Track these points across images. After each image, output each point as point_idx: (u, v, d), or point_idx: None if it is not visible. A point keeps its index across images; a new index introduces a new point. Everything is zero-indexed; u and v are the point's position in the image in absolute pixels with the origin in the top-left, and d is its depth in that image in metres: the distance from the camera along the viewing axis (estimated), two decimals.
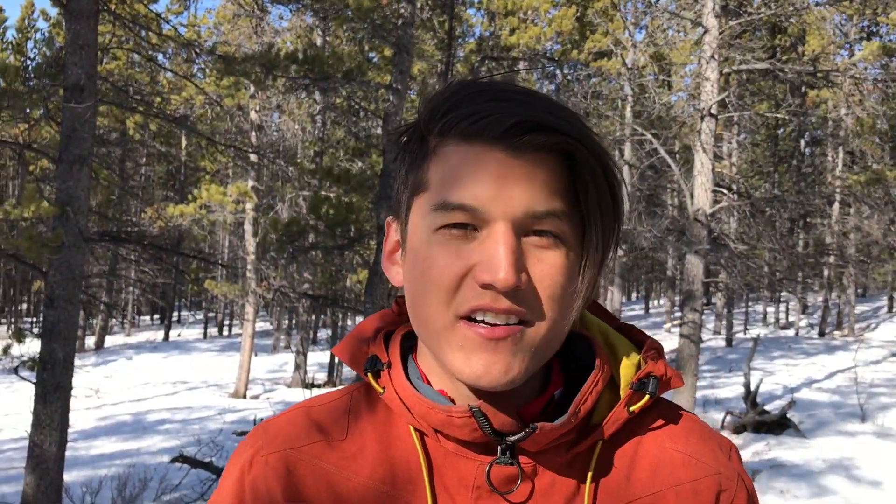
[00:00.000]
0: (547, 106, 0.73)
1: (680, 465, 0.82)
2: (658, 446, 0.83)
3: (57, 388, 7.32)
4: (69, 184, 7.34)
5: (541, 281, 0.73)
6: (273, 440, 0.84)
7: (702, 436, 0.85)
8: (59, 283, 7.33)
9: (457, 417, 0.76)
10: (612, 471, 0.81)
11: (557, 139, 0.71)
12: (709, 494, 0.81)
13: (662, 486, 0.81)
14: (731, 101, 10.75)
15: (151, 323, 42.36)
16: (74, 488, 8.31)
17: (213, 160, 21.97)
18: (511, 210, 0.72)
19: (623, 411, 0.81)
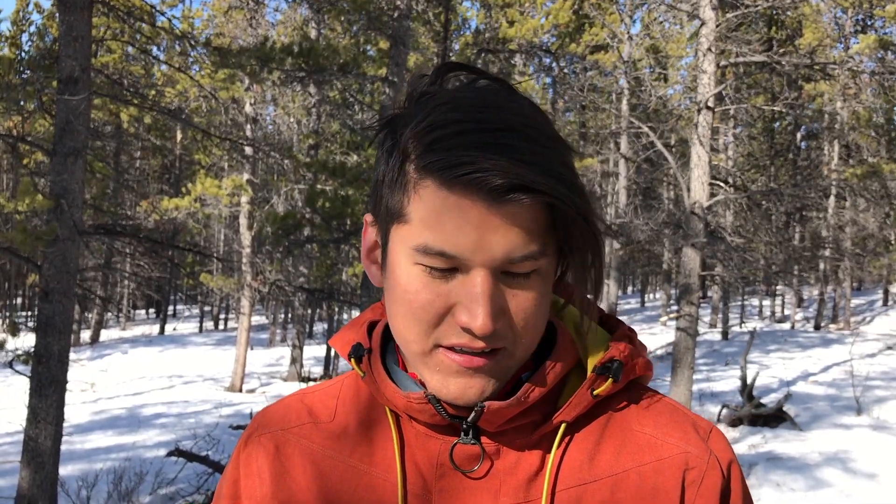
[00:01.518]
0: (533, 156, 0.73)
1: (644, 446, 0.84)
2: (625, 428, 0.85)
3: (52, 381, 7.29)
4: (64, 176, 7.29)
5: (517, 314, 0.77)
6: (268, 423, 0.93)
7: (672, 418, 0.86)
8: (53, 277, 7.29)
9: (415, 403, 0.80)
10: (576, 452, 0.83)
11: (538, 198, 0.72)
12: (673, 472, 0.82)
13: (625, 468, 0.82)
14: (728, 93, 10.72)
15: (147, 317, 42.31)
16: (70, 482, 8.30)
17: (208, 154, 21.91)
18: (490, 257, 0.73)
19: (586, 394, 0.82)
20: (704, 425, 0.88)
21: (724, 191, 10.37)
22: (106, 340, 28.36)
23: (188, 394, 16.68)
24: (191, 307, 46.18)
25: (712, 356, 19.14)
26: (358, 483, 0.85)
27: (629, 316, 32.53)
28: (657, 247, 19.30)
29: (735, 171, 13.46)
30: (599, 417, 0.85)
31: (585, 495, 0.81)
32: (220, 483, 0.95)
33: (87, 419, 13.28)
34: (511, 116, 0.75)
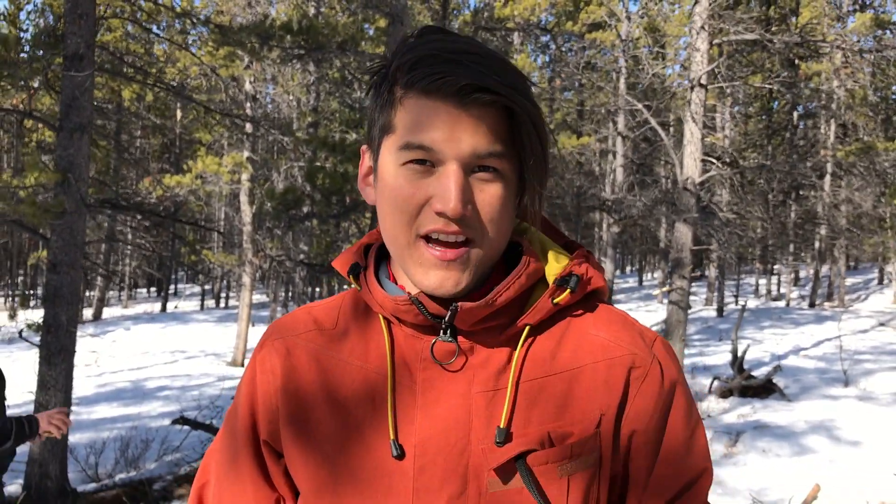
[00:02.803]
0: (494, 68, 0.91)
1: (598, 346, 1.00)
2: (582, 332, 1.01)
3: (61, 350, 7.52)
4: (70, 151, 7.49)
5: (482, 207, 0.93)
6: (280, 330, 1.11)
7: (623, 325, 1.03)
8: (61, 249, 7.51)
9: (402, 305, 0.97)
10: (539, 350, 0.99)
11: (498, 98, 0.90)
12: (620, 370, 0.99)
13: (581, 363, 0.98)
14: (720, 71, 10.88)
15: (148, 295, 42.52)
16: (78, 449, 8.53)
17: (209, 131, 22.03)
18: (460, 151, 0.91)
19: (547, 302, 0.99)
20: (650, 335, 1.04)
21: (716, 167, 10.55)
22: (108, 317, 28.59)
23: (191, 368, 16.93)
24: (192, 285, 46.41)
25: (707, 332, 19.38)
26: (355, 377, 1.02)
27: (626, 294, 32.78)
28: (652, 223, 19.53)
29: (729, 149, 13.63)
30: (560, 322, 1.01)
31: (547, 385, 0.97)
32: (240, 383, 1.14)
33: (92, 391, 13.52)
34: (478, 47, 0.94)
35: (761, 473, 7.54)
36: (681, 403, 1.02)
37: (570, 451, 0.95)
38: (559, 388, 0.97)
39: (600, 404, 0.97)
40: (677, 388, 1.02)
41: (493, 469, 0.94)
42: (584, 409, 0.97)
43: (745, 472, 7.56)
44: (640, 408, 0.99)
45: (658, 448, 1.01)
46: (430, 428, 0.96)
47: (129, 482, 7.88)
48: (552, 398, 0.97)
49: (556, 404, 0.96)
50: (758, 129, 26.22)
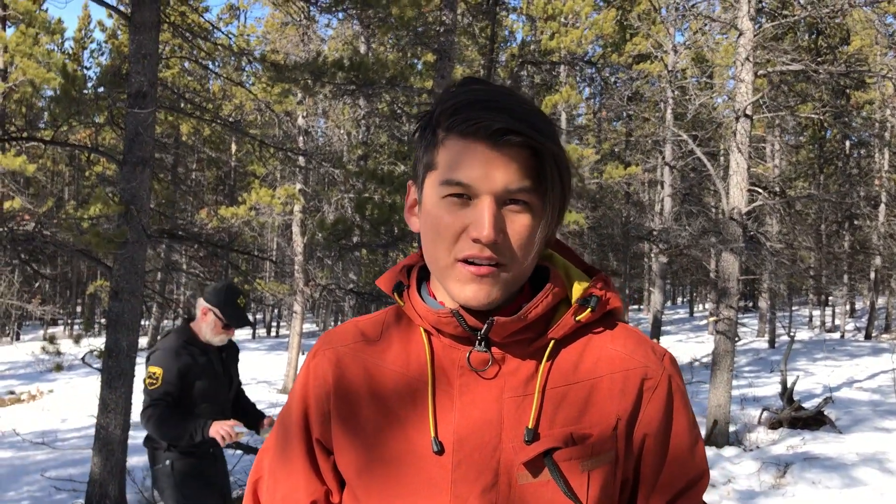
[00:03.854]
0: (524, 114, 1.05)
1: (616, 359, 1.14)
2: (601, 346, 1.15)
3: (121, 374, 7.83)
4: (133, 184, 7.86)
5: (513, 235, 1.06)
6: (330, 341, 1.27)
7: (638, 341, 1.17)
8: (123, 277, 7.85)
9: (443, 317, 1.11)
10: (563, 361, 1.13)
11: (525, 140, 1.03)
12: (635, 380, 1.14)
13: (601, 374, 1.13)
14: (765, 102, 10.91)
15: None
16: (136, 471, 8.78)
17: (263, 164, 22.59)
18: (493, 186, 1.04)
19: (570, 319, 1.13)
20: (660, 350, 1.18)
21: (762, 197, 10.55)
22: None
23: None
24: None
25: (758, 363, 19.12)
26: (397, 381, 1.16)
27: (677, 325, 32.42)
28: (698, 253, 19.42)
29: (777, 179, 13.57)
30: (582, 338, 1.15)
31: (570, 392, 1.10)
32: (292, 388, 1.29)
33: None
34: (511, 95, 1.09)
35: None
36: (685, 412, 1.18)
37: (591, 449, 1.08)
38: (580, 394, 1.11)
39: (617, 409, 1.11)
40: (683, 399, 1.18)
41: (522, 463, 1.06)
42: (602, 414, 1.10)
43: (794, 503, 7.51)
44: (651, 414, 1.14)
45: (666, 450, 1.16)
46: (467, 427, 1.09)
47: None
48: (574, 403, 1.10)
49: (577, 409, 1.10)
50: (809, 158, 25.92)
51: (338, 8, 9.93)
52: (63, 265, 37.42)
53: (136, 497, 8.36)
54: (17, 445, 11.46)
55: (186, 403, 4.08)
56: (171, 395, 4.01)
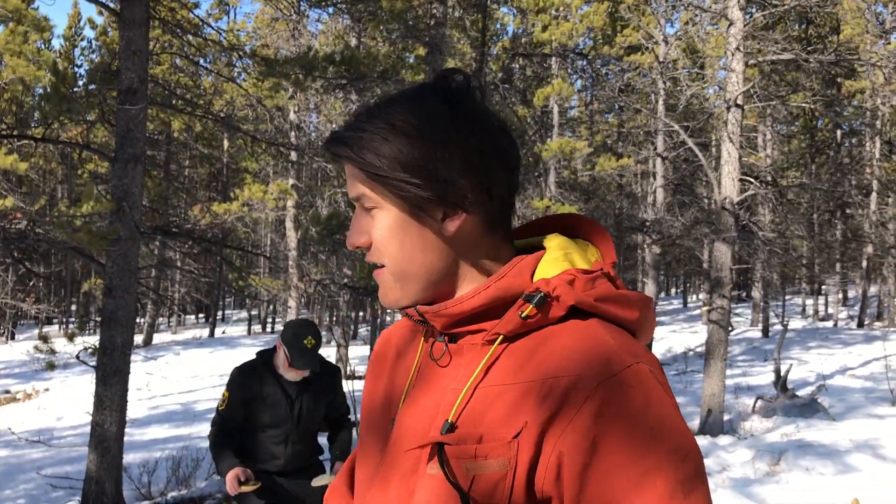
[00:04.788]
0: (344, 127, 1.08)
1: (554, 364, 0.99)
2: (551, 349, 1.01)
3: (116, 371, 7.84)
4: (125, 181, 7.85)
5: (374, 238, 1.07)
6: (378, 342, 1.34)
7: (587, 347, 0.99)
8: (116, 274, 7.85)
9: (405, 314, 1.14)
10: (509, 360, 1.03)
11: (332, 155, 1.09)
12: (559, 389, 0.96)
13: (535, 378, 0.99)
14: (756, 91, 10.94)
15: (197, 321, 43.31)
16: (132, 468, 8.80)
17: (256, 159, 22.59)
18: (351, 196, 1.09)
19: (515, 315, 1.03)
20: (619, 365, 0.96)
21: (754, 186, 10.59)
22: (158, 343, 29.24)
23: None
24: (239, 311, 47.14)
25: (752, 353, 19.20)
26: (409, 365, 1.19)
27: (671, 316, 32.52)
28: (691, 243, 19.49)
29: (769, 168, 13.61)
30: (540, 334, 1.03)
31: (506, 393, 1.00)
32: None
33: (144, 414, 13.91)
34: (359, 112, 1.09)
35: (804, 491, 7.52)
36: (621, 447, 0.92)
37: (476, 451, 0.99)
38: (516, 397, 1.00)
39: (528, 417, 0.97)
40: (624, 427, 0.93)
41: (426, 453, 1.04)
42: (509, 418, 0.99)
43: (788, 490, 7.55)
44: (570, 433, 0.94)
45: (582, 485, 0.94)
46: (411, 412, 1.10)
47: (180, 500, 8.14)
48: (504, 405, 1.00)
49: (505, 411, 1.00)
50: (801, 147, 26.01)
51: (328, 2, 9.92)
52: (57, 263, 37.32)
53: (132, 493, 8.38)
54: (12, 444, 11.47)
55: (251, 429, 4.16)
56: (234, 419, 4.11)
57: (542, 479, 0.97)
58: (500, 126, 1.08)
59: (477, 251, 1.08)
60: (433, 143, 1.03)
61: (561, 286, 1.03)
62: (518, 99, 17.18)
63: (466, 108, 1.06)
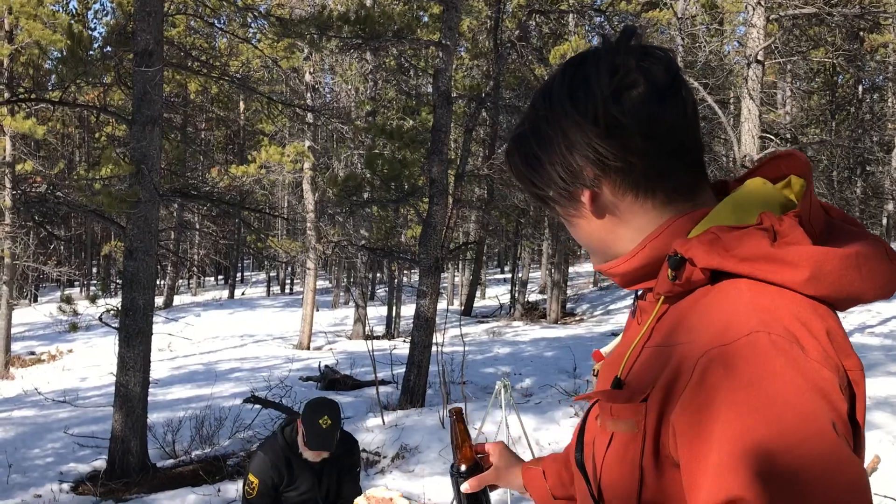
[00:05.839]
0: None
1: (686, 328, 0.97)
2: (697, 311, 0.97)
3: (139, 333, 7.95)
4: (143, 143, 7.89)
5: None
6: None
7: (716, 316, 0.93)
8: (136, 237, 7.93)
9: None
10: (668, 320, 1.02)
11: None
12: (678, 357, 0.94)
13: (672, 342, 0.97)
14: (777, 47, 10.76)
15: (216, 283, 43.69)
16: (157, 427, 8.96)
17: (272, 121, 22.55)
18: None
19: (664, 276, 1.00)
20: (734, 331, 0.89)
21: (774, 143, 10.47)
22: (179, 305, 29.54)
23: (259, 351, 17.48)
24: (258, 273, 47.49)
25: None
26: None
27: None
28: None
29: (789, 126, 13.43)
30: (692, 297, 0.99)
31: (652, 354, 1.01)
32: None
33: (167, 374, 14.11)
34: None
35: None
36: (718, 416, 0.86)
37: (612, 411, 1.02)
38: (653, 359, 1.00)
39: (655, 383, 0.97)
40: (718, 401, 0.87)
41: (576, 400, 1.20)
42: (646, 380, 0.99)
43: None
44: (678, 404, 0.92)
45: (688, 450, 0.90)
46: (607, 362, 1.16)
47: (204, 458, 8.29)
48: (647, 367, 1.01)
49: (645, 373, 1.00)
50: (821, 104, 25.62)
51: None
52: (77, 227, 37.65)
53: (157, 452, 8.54)
54: (39, 404, 11.69)
55: None
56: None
57: (667, 444, 0.94)
58: (623, 87, 0.99)
59: (630, 217, 1.05)
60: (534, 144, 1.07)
61: (696, 247, 0.96)
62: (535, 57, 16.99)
63: (569, 81, 1.03)
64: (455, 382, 9.99)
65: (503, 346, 16.83)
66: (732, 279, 0.95)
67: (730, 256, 0.94)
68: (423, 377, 9.86)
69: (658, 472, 0.96)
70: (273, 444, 4.09)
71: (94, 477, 7.77)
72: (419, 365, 9.83)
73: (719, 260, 0.95)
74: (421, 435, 7.63)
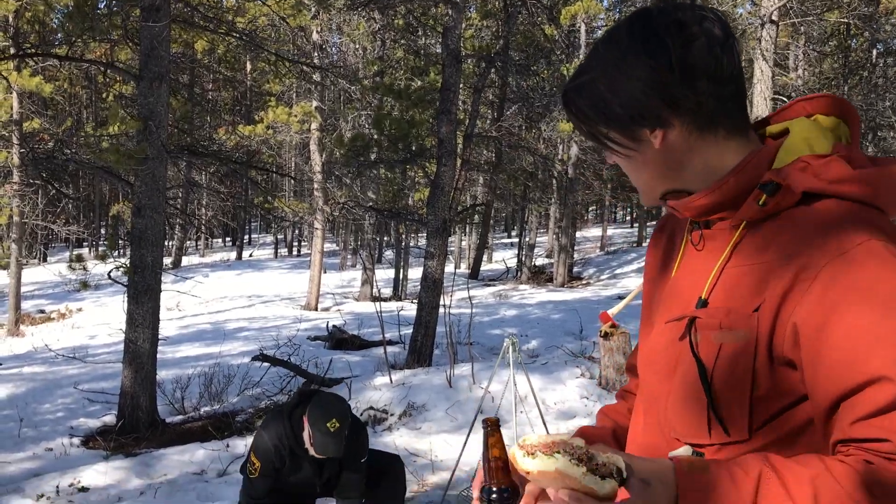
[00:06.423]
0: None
1: (790, 244, 1.10)
2: (789, 232, 1.12)
3: (147, 289, 7.98)
4: (150, 99, 7.84)
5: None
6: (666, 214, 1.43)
7: (822, 227, 1.09)
8: (144, 194, 7.92)
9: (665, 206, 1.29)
10: (753, 242, 1.16)
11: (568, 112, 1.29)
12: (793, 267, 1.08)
13: (776, 257, 1.11)
14: (791, 7, 10.59)
15: (224, 245, 43.81)
16: (166, 384, 9.00)
17: (279, 81, 22.41)
18: None
19: (753, 204, 1.14)
20: (849, 240, 1.05)
21: None
22: (186, 265, 29.66)
23: (267, 311, 17.57)
24: (265, 235, 47.57)
25: None
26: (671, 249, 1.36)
27: None
28: None
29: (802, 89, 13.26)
30: (778, 220, 1.14)
31: (748, 272, 1.13)
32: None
33: (175, 332, 14.20)
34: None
35: None
36: (854, 309, 1.01)
37: (721, 323, 1.13)
38: (753, 275, 1.13)
39: (765, 293, 1.09)
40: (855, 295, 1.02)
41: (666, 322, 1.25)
42: (751, 294, 1.12)
43: None
44: (804, 306, 1.05)
45: (820, 347, 1.03)
46: (674, 289, 1.27)
47: (213, 414, 8.35)
48: (747, 283, 1.13)
49: (747, 288, 1.13)
50: (833, 68, 25.30)
51: None
52: (85, 188, 37.70)
53: (166, 408, 8.61)
54: (49, 361, 11.80)
55: (277, 487, 4.17)
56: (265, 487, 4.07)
57: (781, 346, 1.08)
58: (690, 38, 1.12)
59: (697, 152, 1.17)
60: (605, 81, 1.17)
61: (793, 174, 1.12)
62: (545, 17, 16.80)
63: (639, 33, 1.15)
64: (462, 343, 10.02)
65: (510, 308, 16.88)
66: (823, 199, 1.11)
67: (820, 180, 1.11)
68: (430, 337, 9.90)
69: (770, 372, 1.10)
70: (278, 428, 4.01)
71: (104, 432, 7.84)
72: (426, 325, 9.86)
73: (814, 183, 1.11)
74: (428, 394, 7.67)
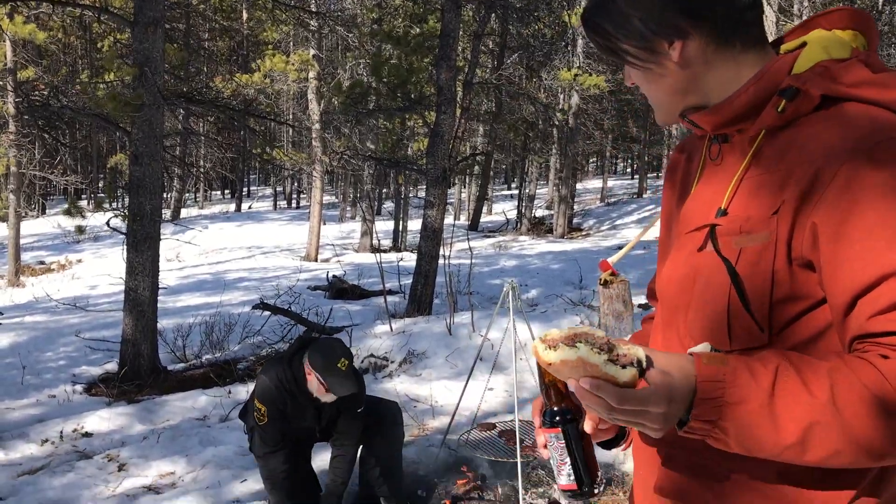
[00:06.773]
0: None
1: (808, 148, 1.11)
2: (807, 136, 1.12)
3: (146, 237, 7.94)
4: (145, 45, 7.72)
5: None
6: (681, 142, 1.49)
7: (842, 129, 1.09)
8: (142, 141, 7.84)
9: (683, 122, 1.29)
10: (773, 150, 1.16)
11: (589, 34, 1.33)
12: (811, 169, 1.08)
13: (795, 161, 1.11)
14: None
15: (223, 197, 43.70)
16: (167, 333, 9.02)
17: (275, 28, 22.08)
18: None
19: (771, 111, 1.15)
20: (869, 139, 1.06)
21: None
22: (186, 217, 29.60)
23: (267, 262, 17.58)
24: (264, 187, 47.44)
25: None
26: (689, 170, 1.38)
27: None
28: None
29: None
30: (797, 126, 1.14)
31: (768, 179, 1.14)
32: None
33: (175, 282, 14.22)
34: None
35: None
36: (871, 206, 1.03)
37: (741, 227, 1.15)
38: (772, 181, 1.13)
39: (785, 195, 1.10)
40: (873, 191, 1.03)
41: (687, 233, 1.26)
42: (770, 198, 1.13)
43: None
44: (822, 206, 1.06)
45: (838, 245, 1.05)
46: (694, 202, 1.29)
47: (215, 362, 8.39)
48: (766, 188, 1.14)
49: (767, 193, 1.14)
50: None
51: None
52: (82, 139, 37.45)
53: (168, 356, 8.65)
54: (50, 310, 11.83)
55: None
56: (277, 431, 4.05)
57: (800, 246, 1.09)
58: None
59: (715, 65, 1.20)
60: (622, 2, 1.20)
61: (812, 79, 1.13)
62: None
63: None
64: (462, 293, 10.04)
65: (509, 259, 16.89)
66: (841, 103, 1.12)
67: (839, 83, 1.12)
68: (430, 287, 9.92)
69: (790, 275, 1.11)
70: (279, 373, 4.00)
71: (106, 379, 7.88)
72: (426, 275, 9.87)
73: (832, 86, 1.12)
74: (428, 341, 7.70)
